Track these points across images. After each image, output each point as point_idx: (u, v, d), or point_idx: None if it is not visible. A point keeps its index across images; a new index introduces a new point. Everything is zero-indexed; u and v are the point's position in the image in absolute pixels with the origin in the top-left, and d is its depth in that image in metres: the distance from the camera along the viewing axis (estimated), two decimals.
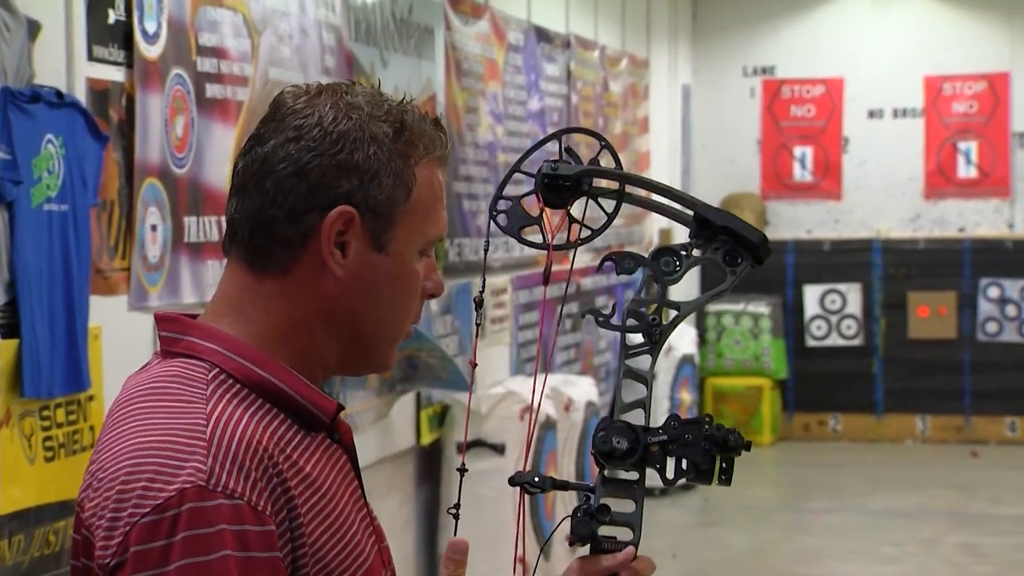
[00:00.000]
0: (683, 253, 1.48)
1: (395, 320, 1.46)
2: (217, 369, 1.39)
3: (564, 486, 1.48)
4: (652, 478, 1.50)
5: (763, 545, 6.93)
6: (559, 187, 1.48)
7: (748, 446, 1.48)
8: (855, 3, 10.06)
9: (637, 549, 1.47)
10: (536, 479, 1.46)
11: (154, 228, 3.70)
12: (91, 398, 3.41)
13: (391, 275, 1.44)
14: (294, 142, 1.40)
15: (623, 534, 1.48)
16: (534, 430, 5.97)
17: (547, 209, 1.48)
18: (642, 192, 1.53)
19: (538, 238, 1.49)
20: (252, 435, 1.35)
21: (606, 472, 1.47)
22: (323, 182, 1.39)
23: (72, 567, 1.40)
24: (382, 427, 5.24)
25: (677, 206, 1.49)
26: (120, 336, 3.58)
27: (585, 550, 1.47)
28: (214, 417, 1.35)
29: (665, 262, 1.48)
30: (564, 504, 6.16)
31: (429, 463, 5.76)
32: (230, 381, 1.39)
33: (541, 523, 5.83)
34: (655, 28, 9.25)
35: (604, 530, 1.47)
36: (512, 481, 1.47)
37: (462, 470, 1.53)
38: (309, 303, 1.42)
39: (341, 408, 1.45)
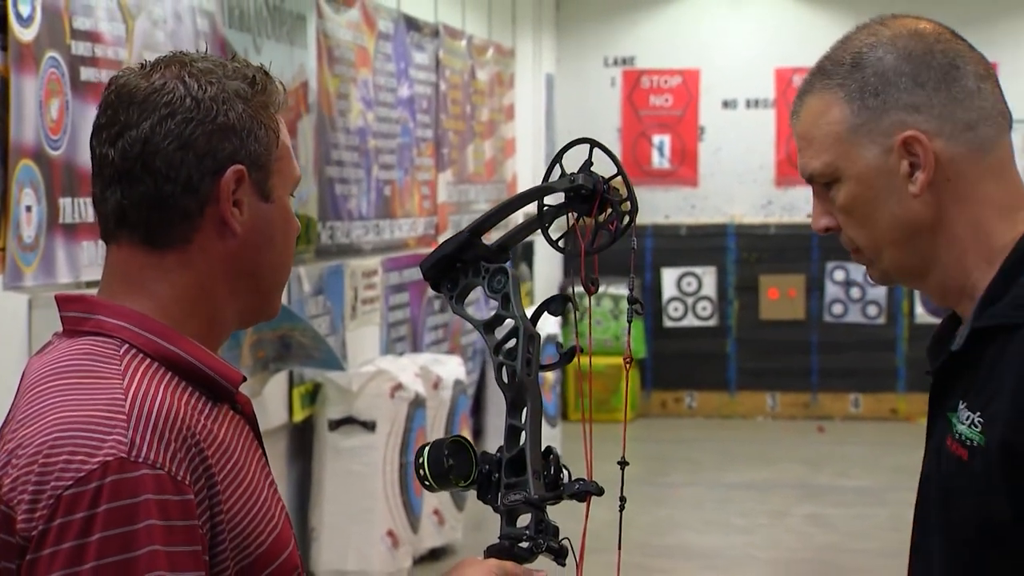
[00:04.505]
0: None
1: (285, 264, 1.54)
2: (127, 345, 1.43)
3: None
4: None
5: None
6: (584, 197, 1.61)
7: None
8: None
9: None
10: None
11: (29, 209, 3.65)
12: None
13: (279, 221, 1.51)
14: (170, 118, 1.43)
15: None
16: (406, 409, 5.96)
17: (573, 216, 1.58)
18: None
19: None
20: (170, 407, 1.39)
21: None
22: (209, 148, 1.44)
23: None
24: (255, 404, 5.33)
25: None
26: None
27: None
28: (131, 391, 1.38)
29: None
30: None
31: (301, 440, 5.83)
32: (141, 356, 1.43)
33: (411, 498, 5.97)
34: (520, 18, 9.43)
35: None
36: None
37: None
38: (213, 267, 1.47)
39: (244, 379, 1.52)
